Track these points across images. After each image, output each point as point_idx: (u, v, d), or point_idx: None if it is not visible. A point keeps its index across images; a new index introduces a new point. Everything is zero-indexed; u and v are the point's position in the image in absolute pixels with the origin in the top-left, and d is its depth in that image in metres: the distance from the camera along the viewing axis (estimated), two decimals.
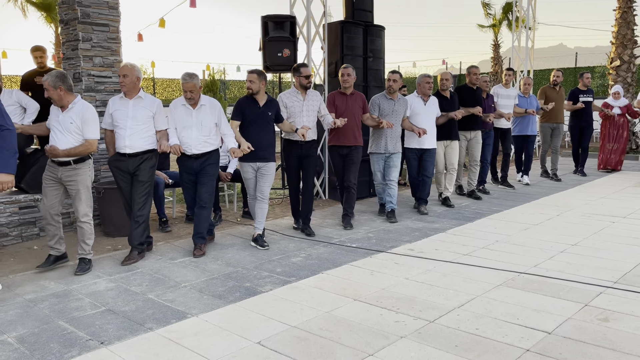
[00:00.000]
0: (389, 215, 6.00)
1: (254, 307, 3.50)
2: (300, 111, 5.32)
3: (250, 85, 4.90)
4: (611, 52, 13.50)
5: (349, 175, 5.71)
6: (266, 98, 4.98)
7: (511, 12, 20.45)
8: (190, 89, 4.60)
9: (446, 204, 6.76)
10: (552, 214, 6.16)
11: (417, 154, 6.35)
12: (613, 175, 9.18)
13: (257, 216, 5.07)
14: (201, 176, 4.76)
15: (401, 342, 2.96)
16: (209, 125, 4.72)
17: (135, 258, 4.53)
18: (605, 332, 3.03)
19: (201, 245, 4.76)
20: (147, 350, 2.91)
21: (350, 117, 5.58)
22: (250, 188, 5.15)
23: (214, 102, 4.79)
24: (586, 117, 8.89)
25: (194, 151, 4.70)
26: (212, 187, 4.80)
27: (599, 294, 3.60)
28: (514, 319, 3.22)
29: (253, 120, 4.93)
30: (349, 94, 5.68)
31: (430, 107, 6.33)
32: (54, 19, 18.98)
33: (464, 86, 7.12)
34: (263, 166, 5.00)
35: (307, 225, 5.46)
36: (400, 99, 6.04)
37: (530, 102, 8.15)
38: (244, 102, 4.99)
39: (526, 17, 11.85)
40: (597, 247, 4.74)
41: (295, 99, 5.34)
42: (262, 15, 6.70)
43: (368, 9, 7.42)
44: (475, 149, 7.20)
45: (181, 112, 4.73)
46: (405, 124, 6.14)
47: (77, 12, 5.48)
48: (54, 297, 3.72)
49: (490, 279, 3.96)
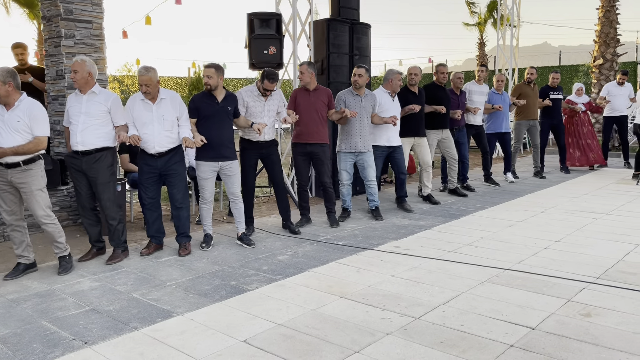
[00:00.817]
0: (374, 213, 5.97)
1: (240, 305, 3.49)
2: (260, 112, 5.14)
3: (208, 80, 4.67)
4: (594, 51, 13.67)
5: (322, 176, 5.61)
6: (224, 93, 4.78)
7: (496, 11, 20.63)
8: (146, 82, 4.39)
9: (431, 200, 6.76)
10: (537, 211, 6.23)
11: (385, 151, 6.22)
12: (596, 172, 9.29)
13: (236, 216, 4.97)
14: (170, 177, 4.61)
15: (387, 338, 2.97)
16: (171, 119, 4.53)
17: (120, 257, 4.49)
18: (587, 327, 3.07)
19: (186, 244, 4.72)
20: (132, 350, 2.89)
21: (313, 114, 5.45)
22: (206, 191, 4.83)
23: (174, 95, 4.60)
24: (556, 114, 8.94)
25: (157, 149, 4.51)
26: (183, 185, 4.67)
27: (582, 290, 3.65)
28: (499, 315, 3.25)
29: (211, 117, 4.71)
30: (311, 89, 5.51)
31: (397, 103, 6.26)
32: (37, 15, 18.69)
33: (432, 84, 7.05)
34: (227, 166, 4.80)
35: (289, 222, 5.42)
36: (368, 95, 5.90)
37: (503, 99, 8.13)
38: (199, 99, 4.75)
39: (511, 16, 11.95)
40: (580, 244, 4.80)
41: (257, 99, 5.14)
42: (248, 13, 6.66)
43: (354, 6, 7.42)
44: (450, 147, 7.15)
45: (140, 108, 4.51)
46: (375, 119, 6.01)
47: (59, 9, 5.41)
48: (37, 297, 3.67)
49: (475, 275, 3.99)
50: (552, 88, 8.86)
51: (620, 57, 13.56)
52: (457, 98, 7.31)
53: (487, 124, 8.21)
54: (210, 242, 4.90)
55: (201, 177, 4.80)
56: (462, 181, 7.61)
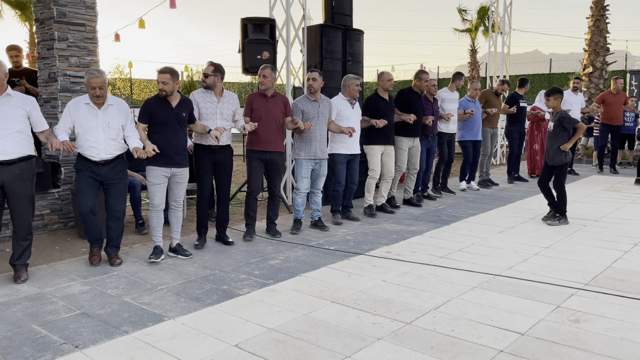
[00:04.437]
0: (318, 223, 5.74)
1: (231, 309, 3.49)
2: (213, 113, 4.89)
3: (164, 87, 4.42)
4: (584, 59, 13.83)
5: (274, 182, 5.40)
6: (179, 98, 4.56)
7: (487, 18, 20.81)
8: (99, 85, 4.17)
9: (385, 209, 6.54)
10: (527, 217, 6.28)
11: (346, 159, 5.99)
12: (585, 179, 9.38)
13: (174, 225, 4.74)
14: (113, 186, 4.40)
15: (378, 343, 2.99)
16: (116, 126, 4.34)
17: (23, 276, 4.07)
18: (576, 333, 3.10)
19: (117, 254, 4.53)
20: (123, 354, 2.88)
21: (270, 122, 5.21)
22: (156, 196, 4.55)
23: (121, 102, 4.43)
24: (524, 121, 8.99)
25: (102, 156, 4.30)
26: (124, 196, 4.52)
27: (571, 296, 3.69)
28: (489, 321, 3.28)
29: (166, 123, 4.49)
30: (269, 95, 5.24)
31: (357, 110, 6.05)
32: (29, 17, 18.62)
33: (409, 90, 6.82)
34: (179, 172, 4.62)
35: (224, 234, 5.18)
36: (324, 100, 5.67)
37: (477, 106, 8.08)
38: (153, 104, 4.52)
39: (502, 23, 12.06)
40: (569, 250, 4.85)
41: (208, 100, 4.89)
42: (242, 18, 6.70)
43: (347, 13, 7.47)
44: (415, 157, 6.90)
45: (84, 113, 4.26)
46: (332, 126, 5.78)
47: (53, 11, 5.40)
48: (27, 301, 3.65)
49: (465, 281, 4.02)
50: (521, 95, 8.83)
51: (610, 65, 13.72)
52: (430, 105, 7.10)
53: (461, 131, 8.04)
54: (160, 255, 4.57)
55: (152, 183, 4.54)
56: (423, 190, 7.40)
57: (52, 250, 4.92)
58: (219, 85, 4.89)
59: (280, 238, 5.37)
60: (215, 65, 4.83)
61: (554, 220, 5.85)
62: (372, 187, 6.39)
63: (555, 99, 5.76)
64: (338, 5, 7.33)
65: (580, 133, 5.74)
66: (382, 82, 6.28)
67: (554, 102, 5.78)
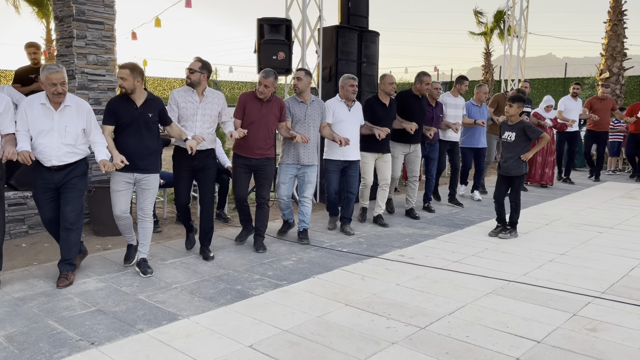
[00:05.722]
0: (300, 236, 5.25)
1: (245, 310, 3.50)
2: (193, 114, 4.47)
3: (123, 83, 4.02)
4: (600, 64, 13.71)
5: (262, 190, 4.95)
6: (145, 96, 4.16)
7: (503, 21, 20.68)
8: (60, 81, 3.73)
9: (378, 222, 6.03)
10: (541, 223, 6.23)
11: (339, 166, 5.56)
12: (601, 185, 9.29)
13: (141, 237, 4.27)
14: (66, 191, 3.92)
15: (392, 348, 2.97)
16: (75, 131, 3.88)
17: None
18: (593, 342, 3.07)
19: (67, 274, 3.94)
20: (138, 352, 2.89)
21: (262, 128, 4.80)
22: (117, 205, 4.18)
23: (81, 104, 3.95)
24: None
25: (54, 162, 3.85)
26: (80, 204, 3.99)
27: (587, 304, 3.65)
28: (504, 327, 3.25)
29: (129, 124, 4.09)
30: (265, 100, 4.83)
31: (355, 113, 5.58)
32: (46, 14, 18.83)
33: (408, 92, 6.32)
34: (143, 179, 4.18)
35: (206, 247, 4.69)
36: (315, 102, 5.25)
37: (482, 111, 7.62)
38: (116, 103, 4.13)
39: (518, 26, 11.98)
40: (585, 257, 4.80)
41: (188, 99, 4.48)
42: (258, 18, 6.71)
43: (363, 14, 7.46)
44: (414, 164, 6.40)
45: (39, 114, 3.81)
46: (325, 131, 5.36)
47: (72, 9, 5.45)
48: (43, 296, 3.68)
49: (480, 286, 4.00)
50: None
51: (627, 70, 13.59)
52: (432, 110, 6.60)
53: (463, 137, 7.58)
54: (134, 257, 4.37)
55: (113, 189, 4.19)
56: (425, 201, 6.89)
57: None
58: (203, 84, 4.50)
59: (293, 239, 5.37)
60: (202, 62, 4.46)
61: (506, 233, 5.50)
62: (364, 193, 6.12)
63: (518, 107, 5.35)
64: (354, 6, 7.32)
65: (544, 143, 5.40)
66: (383, 85, 5.82)
67: (516, 109, 5.35)
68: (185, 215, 4.85)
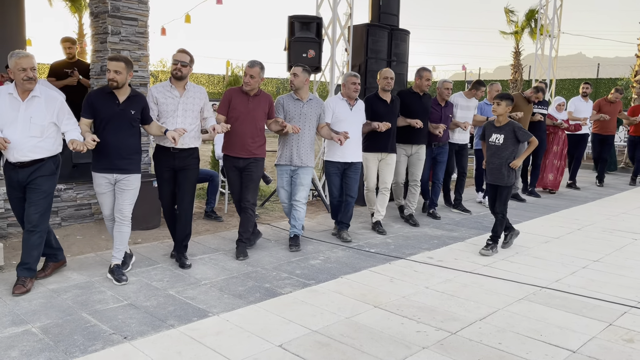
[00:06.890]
0: (290, 242, 4.97)
1: (274, 308, 3.50)
2: (173, 110, 4.20)
3: (116, 76, 3.78)
4: (636, 65, 13.36)
5: (247, 193, 4.65)
6: (129, 92, 3.93)
7: (534, 20, 20.30)
8: (31, 66, 3.49)
9: (377, 229, 5.65)
10: (573, 227, 6.10)
11: (340, 168, 5.27)
12: (634, 189, 9.06)
13: (116, 242, 4.01)
14: (30, 191, 3.67)
15: (423, 352, 2.94)
16: (41, 123, 3.61)
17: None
18: (630, 353, 2.99)
19: (25, 280, 3.67)
20: (170, 348, 2.92)
21: (248, 123, 4.57)
22: (105, 206, 4.04)
23: (53, 96, 3.69)
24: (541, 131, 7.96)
25: (18, 157, 3.59)
26: (45, 206, 3.71)
27: (624, 314, 3.56)
28: (537, 335, 3.19)
29: (109, 120, 3.86)
30: (252, 94, 4.59)
31: (357, 112, 5.30)
32: (78, 8, 19.18)
33: (408, 90, 6.01)
34: (122, 179, 3.95)
35: (182, 254, 4.38)
36: (312, 100, 4.98)
37: None
38: (96, 97, 3.89)
39: (551, 26, 11.74)
40: (619, 265, 4.68)
41: (168, 94, 4.21)
42: (289, 15, 6.70)
43: (394, 12, 7.39)
44: (415, 167, 6.01)
45: (5, 104, 3.56)
46: (324, 132, 5.08)
47: (107, 6, 5.52)
48: (77, 289, 3.75)
49: (511, 292, 3.93)
50: (535, 103, 7.78)
51: None
52: (440, 110, 6.26)
53: (477, 139, 7.24)
54: (127, 267, 4.18)
55: (97, 192, 4.05)
56: (430, 207, 6.54)
57: (98, 239, 5.03)
58: (188, 77, 4.29)
59: (320, 238, 5.36)
60: (190, 55, 4.22)
61: (487, 248, 4.94)
62: (370, 199, 5.74)
63: (506, 106, 4.91)
64: (385, 4, 7.25)
65: (533, 147, 4.93)
66: (379, 80, 5.53)
67: (504, 108, 4.91)
68: (169, 220, 4.52)
